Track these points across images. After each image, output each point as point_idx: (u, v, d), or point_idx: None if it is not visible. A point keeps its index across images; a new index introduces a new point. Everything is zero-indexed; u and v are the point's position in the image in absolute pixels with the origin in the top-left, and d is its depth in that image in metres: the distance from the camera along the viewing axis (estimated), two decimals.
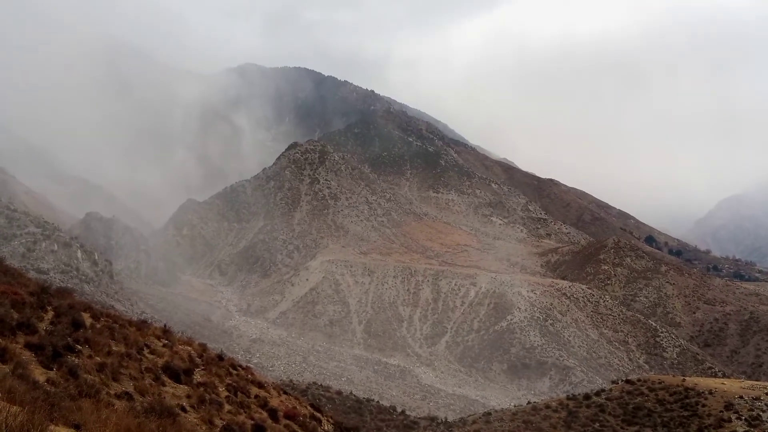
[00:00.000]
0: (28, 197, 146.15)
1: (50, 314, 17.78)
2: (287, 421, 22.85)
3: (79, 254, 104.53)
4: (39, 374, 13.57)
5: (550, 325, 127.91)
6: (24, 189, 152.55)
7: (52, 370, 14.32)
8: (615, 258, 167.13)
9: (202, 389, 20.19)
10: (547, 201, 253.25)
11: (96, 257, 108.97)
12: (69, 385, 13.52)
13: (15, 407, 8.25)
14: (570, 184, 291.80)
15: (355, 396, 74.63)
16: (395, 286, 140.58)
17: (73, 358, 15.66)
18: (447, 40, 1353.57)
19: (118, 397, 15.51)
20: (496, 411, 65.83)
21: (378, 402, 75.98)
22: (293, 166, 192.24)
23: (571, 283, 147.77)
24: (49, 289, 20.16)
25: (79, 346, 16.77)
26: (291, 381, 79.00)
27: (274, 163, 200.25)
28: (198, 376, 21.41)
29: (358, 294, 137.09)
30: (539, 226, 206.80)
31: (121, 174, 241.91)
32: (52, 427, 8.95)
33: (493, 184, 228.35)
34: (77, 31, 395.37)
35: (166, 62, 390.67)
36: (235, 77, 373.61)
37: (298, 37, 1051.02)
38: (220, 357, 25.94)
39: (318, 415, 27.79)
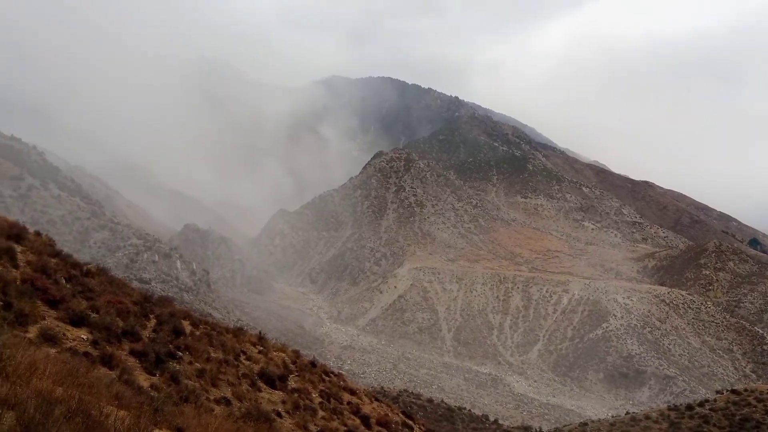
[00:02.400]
0: (130, 210, 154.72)
1: (153, 322, 18.50)
2: (379, 428, 22.78)
3: (179, 264, 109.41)
4: (143, 380, 14.09)
5: (649, 332, 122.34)
6: (126, 203, 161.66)
7: (155, 375, 14.85)
8: (716, 262, 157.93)
9: (296, 395, 20.44)
10: (642, 204, 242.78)
11: (194, 267, 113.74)
12: (171, 390, 13.97)
13: (122, 411, 8.51)
14: (665, 186, 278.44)
15: (446, 404, 73.92)
16: (484, 293, 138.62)
17: (175, 364, 16.20)
18: (529, 42, 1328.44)
19: (217, 402, 15.91)
20: (592, 421, 63.41)
21: (470, 410, 74.91)
22: (379, 174, 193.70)
23: (669, 289, 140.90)
24: (152, 298, 21.00)
25: (179, 353, 17.36)
26: (382, 388, 79.23)
27: (360, 173, 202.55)
28: (292, 382, 21.71)
29: (446, 301, 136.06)
30: (634, 231, 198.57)
31: (215, 187, 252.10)
32: (156, 430, 9.20)
33: (584, 188, 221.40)
34: (171, 53, 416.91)
35: (256, 78, 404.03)
36: (321, 89, 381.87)
37: (381, 47, 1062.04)
38: (313, 363, 26.22)
39: (410, 422, 27.59)
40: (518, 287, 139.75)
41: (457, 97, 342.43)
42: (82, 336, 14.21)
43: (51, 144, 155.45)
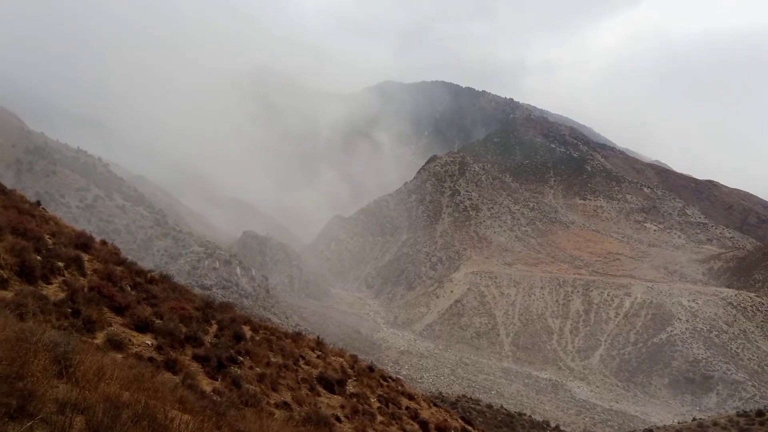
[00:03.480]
0: (191, 218, 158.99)
1: (214, 327, 18.87)
2: None
3: (238, 271, 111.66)
4: (206, 384, 14.35)
5: (716, 336, 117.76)
6: (187, 211, 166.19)
7: (217, 380, 15.11)
8: None
9: (354, 400, 20.48)
10: (707, 204, 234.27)
11: (253, 273, 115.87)
12: (233, 394, 14.18)
13: (186, 415, 8.66)
14: (730, 185, 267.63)
15: (506, 410, 72.81)
16: (543, 297, 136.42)
17: (236, 369, 16.46)
18: (583, 41, 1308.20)
19: (277, 406, 16.07)
20: (657, 428, 61.42)
21: (530, 416, 73.54)
22: (434, 179, 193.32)
23: (737, 291, 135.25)
24: (213, 303, 21.42)
25: (240, 358, 17.63)
26: (440, 393, 78.71)
27: (414, 177, 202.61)
28: (350, 387, 21.77)
29: (504, 306, 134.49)
30: (699, 231, 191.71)
31: (272, 194, 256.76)
32: None
33: (645, 188, 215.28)
34: (227, 64, 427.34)
35: (310, 87, 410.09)
36: (374, 95, 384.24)
37: (433, 51, 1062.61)
38: (371, 368, 26.24)
39: (469, 428, 27.28)
40: (578, 291, 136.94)
41: (512, 99, 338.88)
42: (147, 342, 14.58)
43: (113, 155, 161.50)
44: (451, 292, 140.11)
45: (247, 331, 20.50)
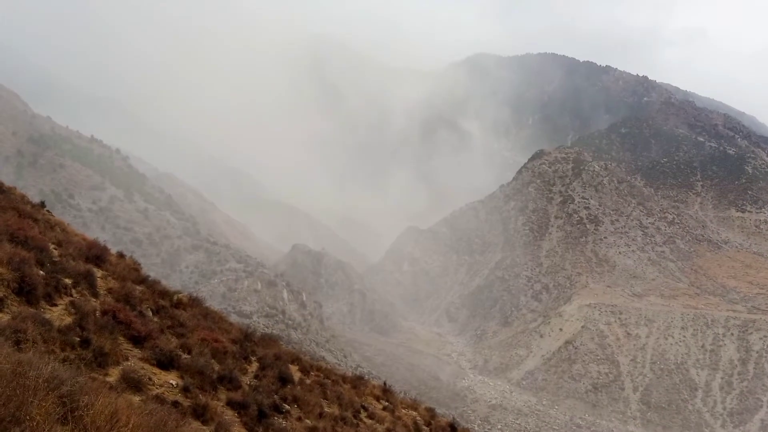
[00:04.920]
0: (228, 227, 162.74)
1: (254, 366, 19.13)
2: None
3: (285, 295, 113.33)
4: None
5: None
6: (223, 218, 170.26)
7: None
8: None
9: None
10: None
11: (304, 298, 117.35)
12: None
13: None
14: None
15: None
16: (684, 340, 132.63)
17: (281, 420, 16.61)
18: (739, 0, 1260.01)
19: None
20: None
21: None
22: (539, 180, 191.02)
23: None
24: (253, 336, 21.76)
25: (286, 406, 17.80)
26: None
27: (514, 178, 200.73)
28: None
29: (631, 350, 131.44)
30: None
31: (330, 198, 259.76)
32: None
33: None
34: (277, 36, 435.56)
35: (379, 62, 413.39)
36: (462, 73, 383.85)
37: (540, 16, 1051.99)
38: (453, 426, 26.02)
39: None
40: (732, 333, 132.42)
41: (645, 77, 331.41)
42: (171, 381, 14.89)
43: (135, 146, 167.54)
44: (561, 330, 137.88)
45: (295, 372, 20.69)
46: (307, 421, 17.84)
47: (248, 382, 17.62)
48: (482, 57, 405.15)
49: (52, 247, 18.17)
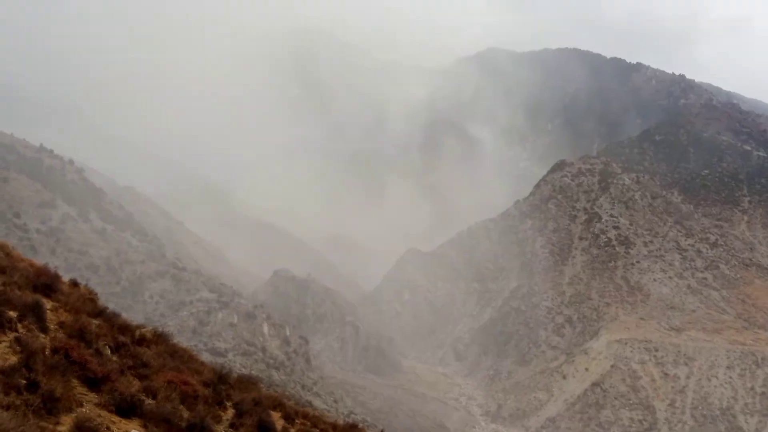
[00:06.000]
0: (198, 250, 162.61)
1: (230, 413, 19.04)
2: None
3: (266, 329, 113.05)
4: None
5: None
6: (193, 238, 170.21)
7: None
8: None
9: None
10: None
11: (287, 333, 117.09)
12: None
13: None
14: None
15: None
16: (730, 381, 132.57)
17: None
18: None
19: None
20: None
21: None
22: (560, 196, 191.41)
23: None
24: (228, 377, 21.69)
25: None
26: None
27: (531, 193, 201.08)
28: None
29: (668, 394, 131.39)
30: None
31: (318, 216, 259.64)
32: None
33: None
34: (257, 23, 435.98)
35: (376, 56, 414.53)
36: (471, 70, 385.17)
37: (560, 5, 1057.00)
38: None
39: None
40: None
41: (682, 76, 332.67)
42: (133, 430, 14.82)
43: (91, 157, 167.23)
44: (586, 370, 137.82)
45: (277, 419, 20.61)
46: None
47: (223, 431, 17.54)
48: (494, 52, 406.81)
49: None
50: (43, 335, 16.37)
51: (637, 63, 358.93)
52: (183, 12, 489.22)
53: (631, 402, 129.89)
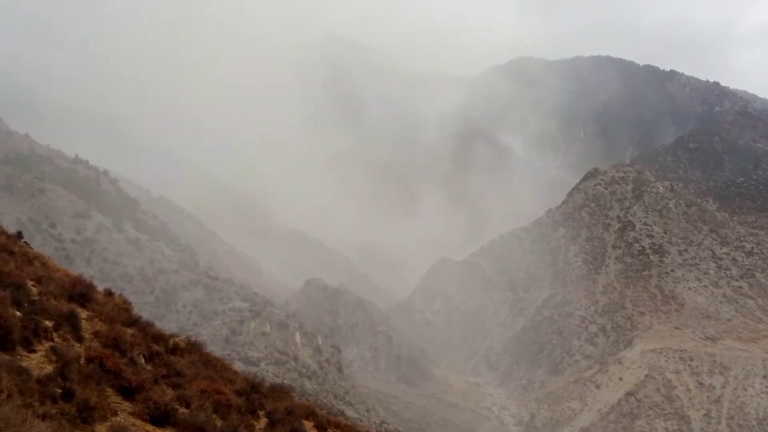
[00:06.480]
0: (232, 259, 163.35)
1: (263, 422, 19.08)
2: None
3: (298, 338, 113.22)
4: None
5: None
6: (226, 248, 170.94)
7: None
8: None
9: None
10: None
11: (319, 342, 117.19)
12: None
13: None
14: None
15: None
16: (767, 391, 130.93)
17: None
18: None
19: None
20: None
21: None
22: (593, 204, 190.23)
23: None
24: (261, 386, 21.74)
25: None
26: None
27: (564, 202, 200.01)
28: None
29: (704, 404, 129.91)
30: None
31: (350, 226, 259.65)
32: None
33: None
34: (288, 36, 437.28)
35: (408, 66, 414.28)
36: (503, 79, 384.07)
37: (592, 12, 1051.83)
38: None
39: None
40: None
41: (717, 83, 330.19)
42: None
43: (126, 167, 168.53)
44: (620, 379, 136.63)
45: (309, 428, 20.64)
46: None
47: None
48: (525, 60, 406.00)
49: (30, 284, 18.31)
50: (78, 344, 16.50)
51: (671, 70, 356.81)
52: (216, 26, 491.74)
53: (665, 412, 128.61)
